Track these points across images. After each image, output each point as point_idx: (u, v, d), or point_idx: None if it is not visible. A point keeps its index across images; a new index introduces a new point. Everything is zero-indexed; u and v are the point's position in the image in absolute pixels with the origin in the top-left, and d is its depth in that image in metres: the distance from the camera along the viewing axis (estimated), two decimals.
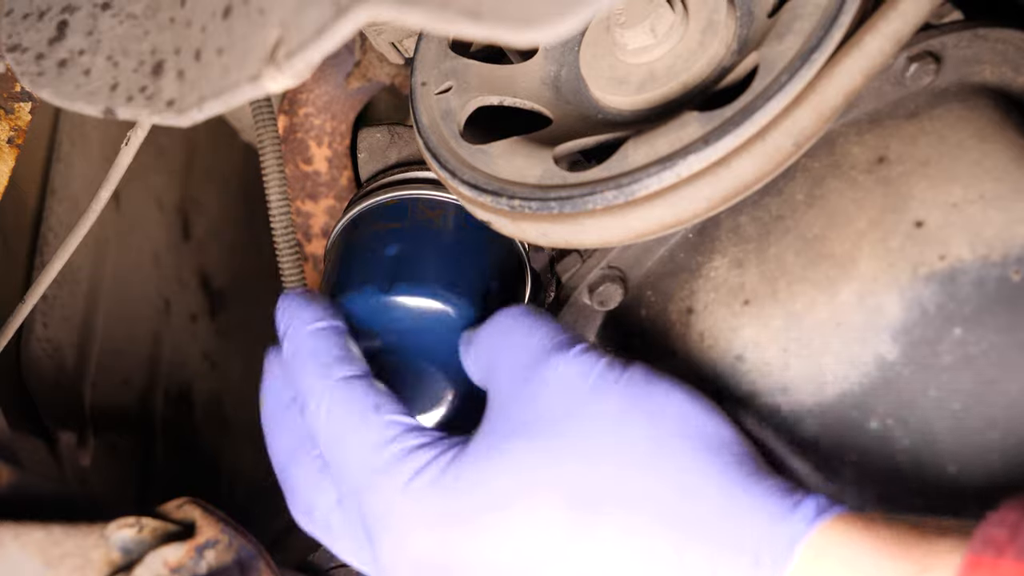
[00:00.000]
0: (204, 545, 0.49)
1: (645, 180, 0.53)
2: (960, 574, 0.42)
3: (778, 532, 0.47)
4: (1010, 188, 0.55)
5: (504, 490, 0.50)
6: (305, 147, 0.94)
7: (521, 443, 0.51)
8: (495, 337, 0.56)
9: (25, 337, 0.80)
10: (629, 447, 0.50)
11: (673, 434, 0.50)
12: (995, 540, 0.43)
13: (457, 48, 0.66)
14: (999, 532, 0.43)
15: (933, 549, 0.44)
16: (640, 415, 0.51)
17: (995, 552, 0.42)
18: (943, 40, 0.58)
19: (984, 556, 0.42)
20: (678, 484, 0.49)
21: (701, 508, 0.48)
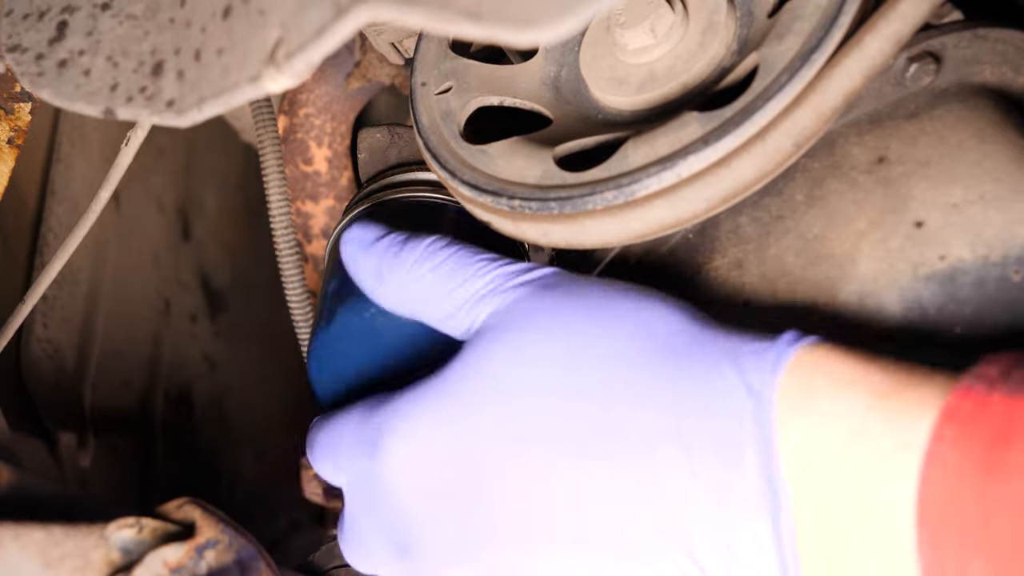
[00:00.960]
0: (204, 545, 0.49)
1: (645, 180, 0.53)
2: (949, 399, 0.43)
3: (762, 358, 0.47)
4: (1010, 189, 0.55)
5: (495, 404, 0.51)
6: (305, 147, 0.94)
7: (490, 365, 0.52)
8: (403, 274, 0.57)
9: (25, 338, 0.80)
10: (597, 350, 0.50)
11: (635, 322, 0.51)
12: (986, 375, 0.43)
13: (457, 48, 0.66)
14: (990, 370, 0.43)
15: (922, 377, 0.45)
16: (598, 314, 0.51)
17: (986, 386, 0.43)
18: (943, 40, 0.58)
19: (974, 387, 0.43)
20: (652, 371, 0.49)
21: (683, 384, 0.48)
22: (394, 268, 0.57)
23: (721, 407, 0.47)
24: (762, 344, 0.48)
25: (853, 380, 0.46)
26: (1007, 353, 0.44)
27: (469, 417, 0.51)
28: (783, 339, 0.48)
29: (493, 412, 0.51)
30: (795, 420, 0.46)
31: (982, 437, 0.42)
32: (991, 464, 0.41)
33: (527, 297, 0.53)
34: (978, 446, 0.41)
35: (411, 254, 0.57)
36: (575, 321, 0.51)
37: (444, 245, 0.57)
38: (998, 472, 0.41)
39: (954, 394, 0.43)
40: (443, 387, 0.52)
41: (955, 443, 0.42)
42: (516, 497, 0.50)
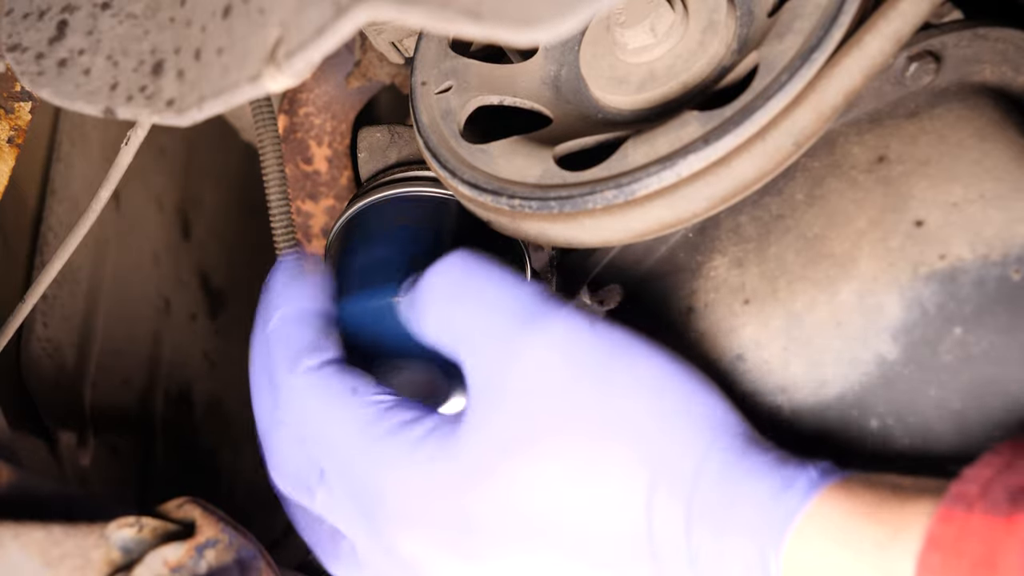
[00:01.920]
0: (204, 545, 0.49)
1: (645, 180, 0.53)
2: (931, 530, 0.43)
3: (775, 507, 0.47)
4: (1010, 187, 0.55)
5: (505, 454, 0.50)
6: (305, 147, 0.94)
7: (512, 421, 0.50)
8: (456, 296, 0.54)
9: (25, 337, 0.80)
10: (631, 422, 0.50)
11: (677, 411, 0.50)
12: (966, 495, 0.43)
13: (457, 48, 0.66)
14: (970, 488, 0.43)
15: (909, 508, 0.45)
16: (643, 388, 0.50)
17: (965, 507, 0.43)
18: (943, 40, 0.58)
19: (955, 511, 0.43)
20: (680, 462, 0.49)
21: (703, 485, 0.48)
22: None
23: (737, 538, 0.47)
24: (779, 486, 0.48)
25: (846, 534, 0.46)
26: (985, 461, 0.44)
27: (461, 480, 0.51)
28: (801, 482, 0.48)
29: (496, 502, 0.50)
30: (799, 551, 0.46)
31: (966, 563, 0.42)
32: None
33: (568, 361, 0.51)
34: (963, 573, 0.41)
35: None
36: (605, 404, 0.50)
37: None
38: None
39: (936, 519, 0.43)
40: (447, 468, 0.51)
41: (940, 572, 0.42)
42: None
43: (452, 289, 0.53)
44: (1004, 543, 0.41)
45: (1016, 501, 0.42)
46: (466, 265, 0.54)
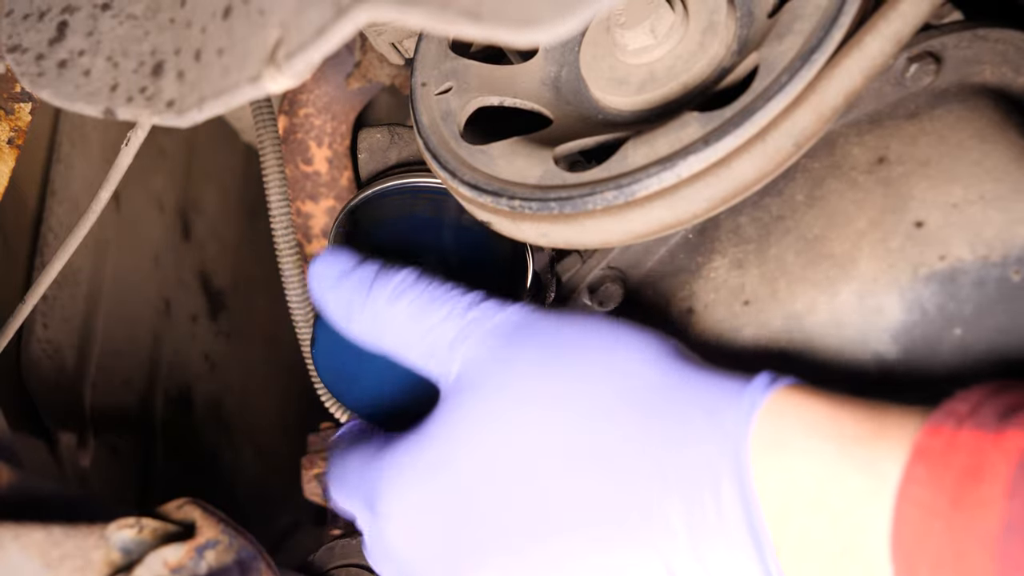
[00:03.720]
0: (204, 546, 0.49)
1: (645, 180, 0.53)
2: (918, 439, 0.43)
3: (736, 403, 0.47)
4: (1010, 188, 0.55)
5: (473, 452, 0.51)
6: (305, 148, 0.94)
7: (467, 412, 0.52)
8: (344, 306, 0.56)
9: (25, 338, 0.80)
10: (572, 392, 0.50)
11: (612, 363, 0.51)
12: (956, 412, 0.43)
13: (457, 49, 0.66)
14: (961, 406, 0.44)
15: (894, 418, 0.45)
16: (575, 353, 0.51)
17: (955, 422, 0.43)
18: (943, 40, 0.58)
19: (944, 425, 0.43)
20: (626, 416, 0.49)
21: (655, 429, 0.48)
22: (365, 307, 0.56)
23: (698, 459, 0.47)
24: (736, 386, 0.48)
25: (825, 425, 0.46)
26: (978, 387, 0.45)
27: (455, 485, 0.51)
28: (757, 382, 0.48)
29: (476, 478, 0.51)
30: (770, 468, 0.46)
31: (952, 473, 0.42)
32: (961, 500, 0.41)
33: (502, 346, 0.52)
34: (948, 483, 0.42)
35: (382, 291, 0.55)
36: (551, 376, 0.51)
37: (414, 281, 0.55)
38: (968, 507, 0.41)
39: (923, 432, 0.43)
40: (425, 452, 0.52)
41: (926, 482, 0.42)
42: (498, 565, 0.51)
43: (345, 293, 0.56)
44: (991, 456, 0.41)
45: (1005, 417, 0.42)
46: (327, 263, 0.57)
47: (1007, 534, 0.40)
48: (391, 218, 0.64)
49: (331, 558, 0.70)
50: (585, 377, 0.51)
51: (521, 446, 0.50)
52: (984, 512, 0.41)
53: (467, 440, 0.51)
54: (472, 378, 0.52)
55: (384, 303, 0.55)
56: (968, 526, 0.41)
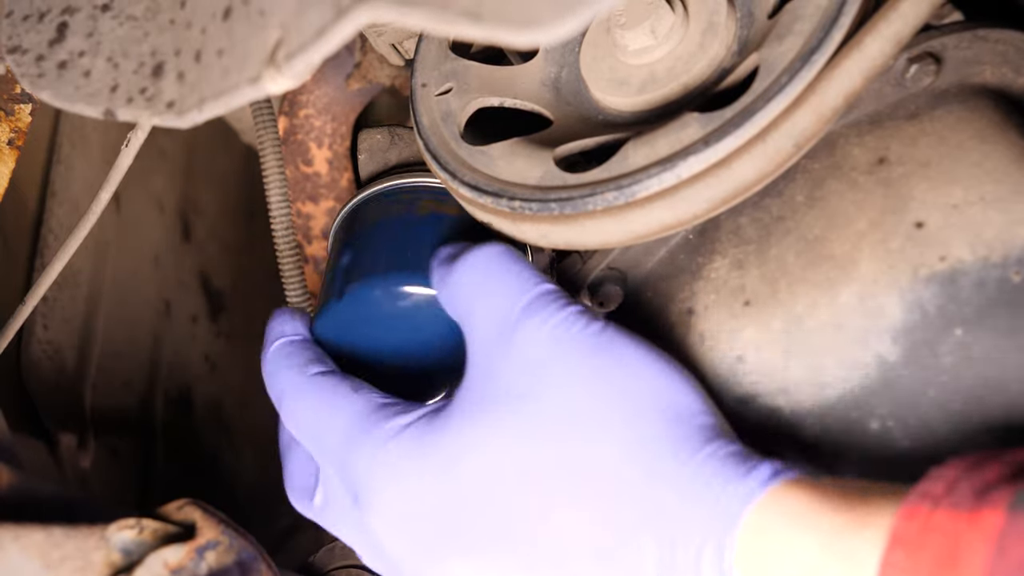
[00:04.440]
0: (204, 547, 0.49)
1: (645, 181, 0.53)
2: (895, 524, 0.43)
3: (729, 495, 0.48)
4: (1010, 189, 0.55)
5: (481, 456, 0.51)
6: (305, 149, 0.94)
7: (496, 408, 0.52)
8: (472, 278, 0.56)
9: (25, 339, 0.80)
10: (597, 419, 0.51)
11: (645, 407, 0.51)
12: (931, 493, 0.43)
13: (457, 50, 0.66)
14: (936, 486, 0.43)
15: (873, 504, 0.45)
16: (612, 385, 0.51)
17: (930, 504, 0.43)
18: (943, 41, 0.58)
19: (919, 507, 0.43)
20: (640, 458, 0.49)
21: (658, 481, 0.49)
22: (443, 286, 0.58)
23: (687, 521, 0.48)
24: (743, 470, 0.48)
25: (810, 517, 0.46)
26: (952, 463, 0.44)
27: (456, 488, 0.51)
28: (762, 470, 0.48)
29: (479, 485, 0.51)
30: (753, 550, 0.46)
31: (929, 557, 0.41)
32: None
33: (564, 355, 0.52)
34: (925, 567, 0.41)
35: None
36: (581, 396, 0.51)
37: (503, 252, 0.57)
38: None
39: (899, 516, 0.43)
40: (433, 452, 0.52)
41: (904, 567, 0.42)
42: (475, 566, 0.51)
43: (480, 272, 0.56)
44: (966, 537, 0.41)
45: (980, 497, 0.41)
46: (488, 256, 0.56)
47: None
48: (391, 218, 0.64)
49: (331, 559, 0.70)
50: (619, 409, 0.51)
51: (532, 462, 0.51)
52: None
53: (483, 446, 0.51)
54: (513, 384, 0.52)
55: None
56: None
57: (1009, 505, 0.40)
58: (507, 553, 0.51)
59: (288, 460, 0.62)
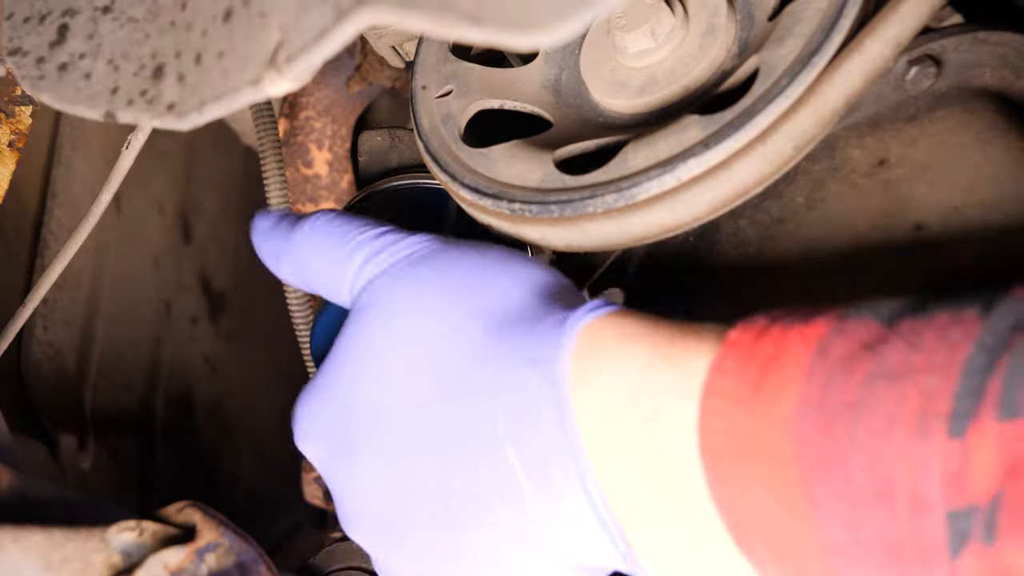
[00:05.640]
0: (205, 548, 0.49)
1: (645, 183, 0.53)
2: (729, 335, 0.44)
3: (560, 329, 0.48)
4: (1010, 192, 0.55)
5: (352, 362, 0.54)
6: (306, 150, 0.94)
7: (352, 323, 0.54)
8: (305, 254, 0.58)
9: (26, 340, 0.80)
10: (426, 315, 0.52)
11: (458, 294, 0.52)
12: (773, 313, 0.44)
13: (458, 52, 0.66)
14: (778, 311, 0.44)
15: (706, 327, 0.46)
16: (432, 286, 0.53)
17: (768, 320, 0.44)
18: (943, 44, 0.58)
19: (756, 323, 0.44)
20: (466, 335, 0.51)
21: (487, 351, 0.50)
22: (286, 249, 0.58)
23: (523, 384, 0.48)
24: (564, 315, 0.49)
25: (639, 335, 0.47)
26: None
27: (341, 400, 0.54)
28: (581, 309, 0.49)
29: (354, 395, 0.53)
30: (587, 382, 0.47)
31: (757, 362, 0.42)
32: (762, 385, 0.41)
33: (393, 273, 0.54)
34: (752, 371, 0.42)
35: (299, 233, 0.58)
36: (421, 298, 0.53)
37: (329, 220, 0.58)
38: (768, 392, 0.41)
39: (736, 328, 0.44)
40: (325, 369, 0.55)
41: (732, 372, 0.43)
42: (366, 479, 0.53)
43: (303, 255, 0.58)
44: (793, 342, 0.42)
45: (817, 312, 0.42)
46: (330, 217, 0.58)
47: (804, 414, 0.40)
48: (390, 217, 0.64)
49: (331, 561, 0.70)
50: (450, 305, 0.52)
51: (384, 369, 0.52)
52: (782, 395, 0.41)
53: (349, 357, 0.54)
54: (364, 301, 0.54)
55: (301, 241, 0.57)
56: (767, 410, 0.41)
57: (836, 317, 0.42)
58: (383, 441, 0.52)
59: None
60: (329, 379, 0.54)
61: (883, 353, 0.40)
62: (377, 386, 0.52)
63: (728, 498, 0.43)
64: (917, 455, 0.37)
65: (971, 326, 0.38)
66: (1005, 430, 0.36)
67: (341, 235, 0.57)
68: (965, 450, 0.36)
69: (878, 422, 0.38)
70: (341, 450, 0.53)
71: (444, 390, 0.50)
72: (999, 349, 0.37)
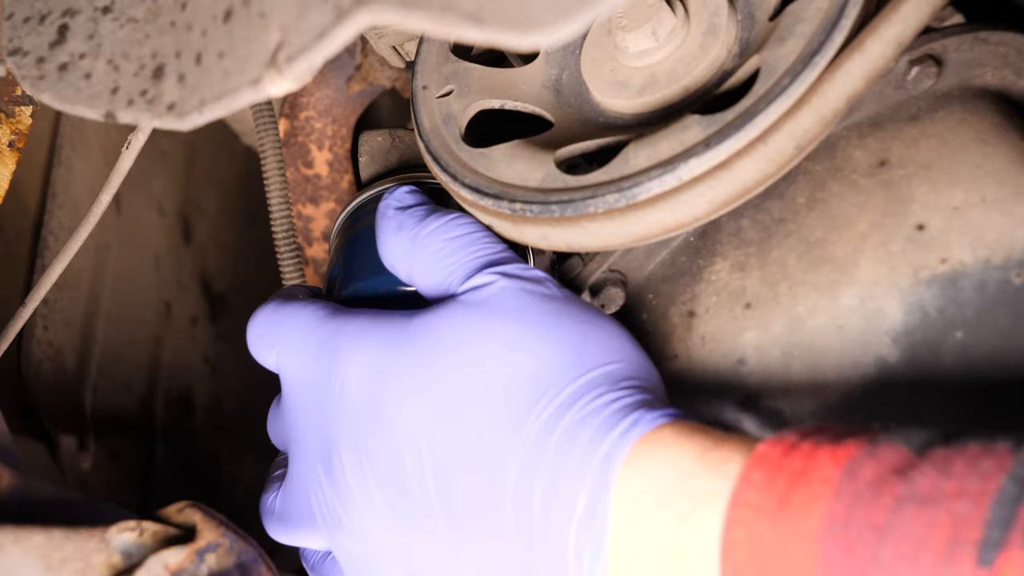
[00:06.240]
0: (205, 549, 0.49)
1: (646, 183, 0.53)
2: (760, 447, 0.44)
3: (601, 452, 0.48)
4: (1012, 191, 0.55)
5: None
6: (306, 151, 0.94)
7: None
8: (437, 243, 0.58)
9: (26, 341, 0.80)
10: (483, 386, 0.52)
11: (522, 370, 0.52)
12: (804, 428, 0.44)
13: (458, 52, 0.66)
14: (808, 428, 0.44)
15: (736, 439, 0.46)
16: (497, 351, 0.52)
17: (799, 436, 0.44)
18: (944, 43, 0.58)
19: (788, 437, 0.44)
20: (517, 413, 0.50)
21: (533, 437, 0.49)
22: (413, 230, 0.59)
23: (574, 464, 0.48)
24: (636, 415, 0.49)
25: (686, 441, 0.47)
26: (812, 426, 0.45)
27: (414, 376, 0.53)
28: (650, 414, 0.49)
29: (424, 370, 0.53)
30: (632, 477, 0.47)
31: (785, 476, 0.42)
32: (789, 500, 0.41)
33: (513, 290, 0.54)
34: (780, 485, 0.42)
35: (435, 221, 0.58)
36: (499, 339, 0.52)
37: (466, 222, 0.58)
38: (795, 507, 0.41)
39: (765, 443, 0.44)
40: (400, 335, 0.54)
41: (760, 484, 0.43)
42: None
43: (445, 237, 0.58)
44: (822, 460, 0.42)
45: (849, 434, 0.43)
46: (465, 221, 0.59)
47: (830, 532, 0.40)
48: None
49: None
50: (516, 362, 0.51)
51: (449, 388, 0.52)
52: (809, 511, 0.41)
53: (426, 350, 0.53)
54: (476, 297, 0.54)
55: (432, 231, 0.58)
56: (793, 525, 0.41)
57: (867, 440, 0.42)
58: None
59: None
60: (401, 333, 0.54)
61: (913, 478, 0.40)
62: (442, 376, 0.52)
63: None
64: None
65: (1004, 458, 0.38)
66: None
67: (472, 234, 0.58)
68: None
69: (906, 546, 0.38)
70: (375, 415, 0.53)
71: (501, 427, 0.50)
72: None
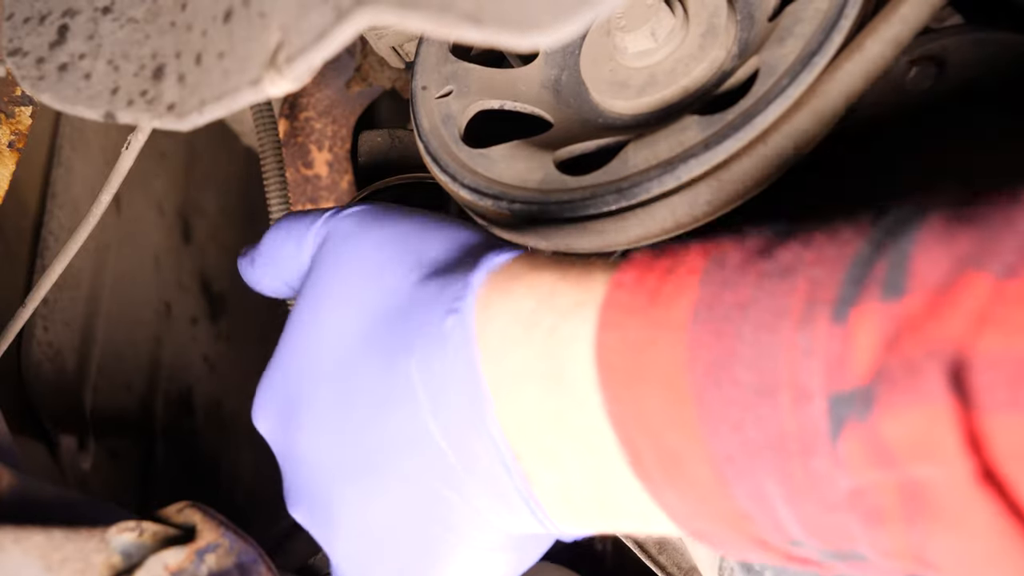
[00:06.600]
0: (205, 549, 0.49)
1: (645, 184, 0.53)
2: (632, 255, 0.43)
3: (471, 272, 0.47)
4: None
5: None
6: (306, 151, 0.94)
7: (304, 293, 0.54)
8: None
9: (26, 341, 0.80)
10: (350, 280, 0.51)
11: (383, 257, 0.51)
12: (680, 241, 0.43)
13: (458, 52, 0.66)
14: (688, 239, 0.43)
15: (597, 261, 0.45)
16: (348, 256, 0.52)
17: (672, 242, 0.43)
18: (944, 44, 0.58)
19: (659, 246, 0.43)
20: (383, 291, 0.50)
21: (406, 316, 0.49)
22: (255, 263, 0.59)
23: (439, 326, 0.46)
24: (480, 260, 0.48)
25: (547, 265, 0.46)
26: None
27: (288, 370, 0.54)
28: (494, 252, 0.48)
29: (299, 362, 0.53)
30: (493, 315, 0.45)
31: (654, 275, 0.41)
32: (658, 294, 0.40)
33: (333, 240, 0.54)
34: (649, 282, 0.41)
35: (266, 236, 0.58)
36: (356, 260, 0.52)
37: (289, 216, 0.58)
38: (663, 299, 0.40)
39: (639, 252, 0.43)
40: (278, 345, 0.55)
41: (630, 285, 0.42)
42: (304, 448, 0.53)
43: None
44: (691, 254, 0.41)
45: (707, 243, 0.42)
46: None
47: (696, 318, 0.39)
48: None
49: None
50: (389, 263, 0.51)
51: (328, 327, 0.51)
52: (677, 301, 0.40)
53: (295, 327, 0.54)
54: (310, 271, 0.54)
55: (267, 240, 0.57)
56: (662, 317, 0.40)
57: (736, 232, 0.41)
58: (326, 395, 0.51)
59: None
60: (279, 352, 0.54)
61: (777, 254, 0.39)
62: (317, 350, 0.51)
63: (623, 417, 0.41)
64: (800, 344, 0.36)
65: (863, 226, 0.38)
66: (888, 309, 0.35)
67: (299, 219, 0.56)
68: (847, 334, 0.35)
69: (767, 315, 0.37)
70: (286, 421, 0.53)
71: (373, 345, 0.49)
72: (887, 240, 0.36)
